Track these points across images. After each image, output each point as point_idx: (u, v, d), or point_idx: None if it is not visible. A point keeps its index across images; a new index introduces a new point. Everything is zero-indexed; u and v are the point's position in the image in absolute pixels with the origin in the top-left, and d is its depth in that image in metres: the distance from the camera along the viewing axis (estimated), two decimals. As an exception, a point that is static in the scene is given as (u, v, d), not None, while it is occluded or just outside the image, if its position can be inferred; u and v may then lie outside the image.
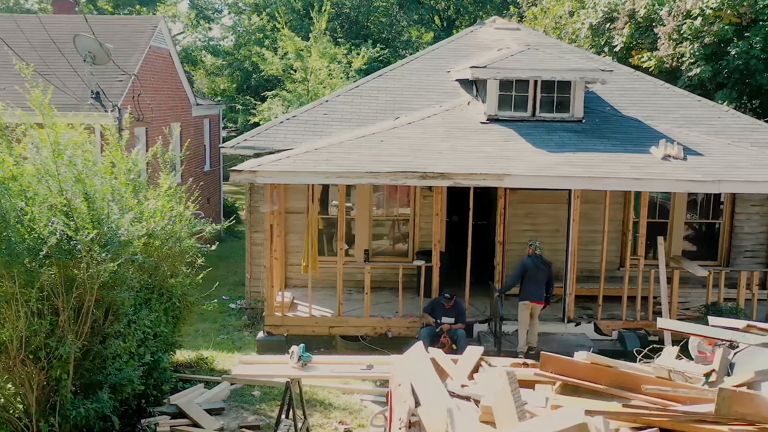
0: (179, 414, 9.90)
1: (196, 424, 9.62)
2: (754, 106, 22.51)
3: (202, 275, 12.43)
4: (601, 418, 3.96)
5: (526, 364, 5.29)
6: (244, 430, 9.63)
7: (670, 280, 13.22)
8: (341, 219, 13.03)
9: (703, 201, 15.78)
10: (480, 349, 5.66)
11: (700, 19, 21.93)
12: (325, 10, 33.01)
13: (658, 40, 23.01)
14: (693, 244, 15.94)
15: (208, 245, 12.33)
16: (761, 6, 21.43)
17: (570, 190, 12.97)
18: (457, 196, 15.00)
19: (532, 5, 31.04)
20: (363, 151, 13.16)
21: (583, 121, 14.91)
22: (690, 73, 22.32)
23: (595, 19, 25.35)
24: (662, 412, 4.36)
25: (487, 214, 15.95)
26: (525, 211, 15.30)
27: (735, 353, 5.43)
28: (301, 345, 9.19)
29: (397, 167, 12.34)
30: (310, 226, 13.56)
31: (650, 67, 23.15)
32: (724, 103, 22.12)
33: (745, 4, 21.57)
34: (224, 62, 40.37)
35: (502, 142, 13.87)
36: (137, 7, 38.46)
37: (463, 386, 4.92)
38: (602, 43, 25.72)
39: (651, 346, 9.92)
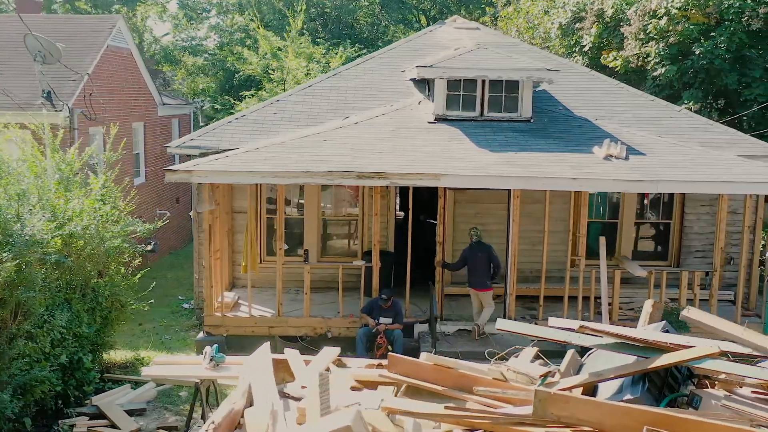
0: (99, 415, 9.85)
1: (113, 425, 9.57)
2: (719, 106, 22.46)
3: (140, 275, 12.40)
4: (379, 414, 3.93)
5: (380, 365, 5.24)
6: (161, 430, 9.58)
7: (611, 281, 13.18)
8: (280, 219, 12.99)
9: (659, 201, 15.73)
10: (336, 350, 5.61)
11: (665, 18, 21.89)
12: (300, 10, 32.98)
13: (625, 40, 22.97)
14: (646, 245, 15.90)
15: (144, 245, 12.27)
16: (726, 6, 21.38)
17: (509, 190, 12.92)
18: (415, 196, 14.99)
19: (507, 4, 30.98)
20: (304, 151, 13.11)
21: (532, 120, 14.86)
22: (655, 73, 22.28)
23: (564, 19, 25.30)
24: (483, 414, 4.31)
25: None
26: (474, 210, 15.26)
27: (588, 355, 5.38)
28: (215, 346, 9.10)
29: (333, 167, 12.29)
30: (249, 226, 13.50)
31: (617, 66, 23.11)
32: (690, 103, 22.09)
33: (710, 3, 21.53)
34: (206, 62, 40.32)
35: (446, 142, 13.83)
36: (117, 6, 38.40)
37: (303, 387, 4.88)
38: (572, 44, 25.67)
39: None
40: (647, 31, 22.19)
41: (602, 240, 13.37)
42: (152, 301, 12.57)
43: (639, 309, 13.24)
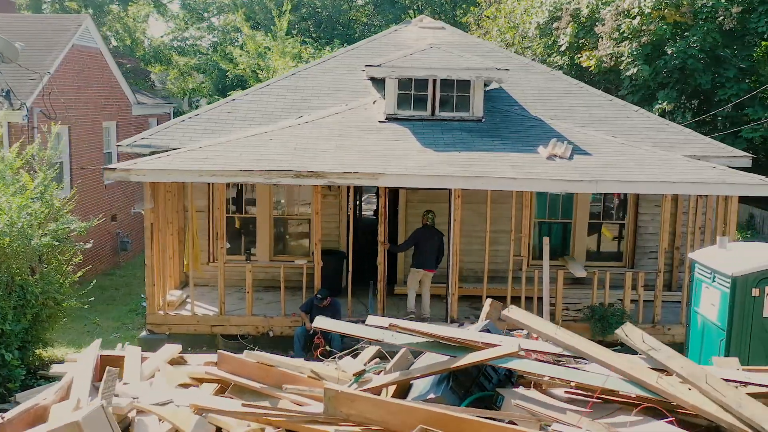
0: (21, 411, 9.88)
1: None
2: (693, 106, 22.33)
3: (80, 273, 12.47)
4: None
5: (211, 363, 5.26)
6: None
7: (555, 281, 13.12)
8: (221, 219, 13.03)
9: (623, 202, 15.63)
10: (177, 347, 5.62)
11: (638, 18, 21.79)
12: (286, 10, 33.05)
13: (600, 40, 22.88)
14: (601, 246, 15.82)
15: (82, 243, 12.33)
16: (699, 5, 21.26)
17: (450, 190, 12.89)
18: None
19: (492, 4, 30.93)
20: (247, 150, 13.13)
21: (483, 120, 14.82)
22: (628, 73, 22.20)
23: (541, 18, 25.23)
24: (279, 412, 4.31)
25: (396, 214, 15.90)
26: (426, 210, 15.18)
27: (422, 354, 5.34)
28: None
29: (271, 166, 12.31)
30: (191, 226, 13.54)
31: (590, 66, 23.03)
32: (664, 104, 22.00)
33: (684, 3, 21.41)
34: (199, 62, 40.49)
35: (392, 142, 13.81)
36: (109, 7, 38.57)
37: (125, 384, 4.90)
38: (550, 44, 25.61)
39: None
40: (621, 31, 22.11)
41: (545, 240, 13.33)
42: (92, 298, 12.60)
43: (584, 310, 13.22)
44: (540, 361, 4.46)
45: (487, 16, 30.58)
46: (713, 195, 13.07)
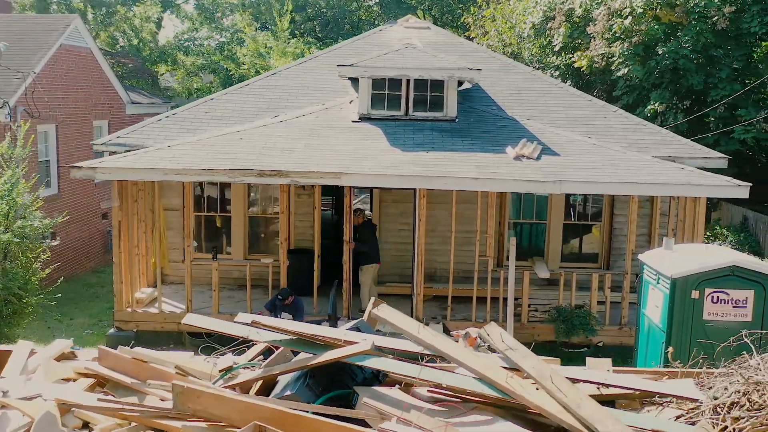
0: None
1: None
2: (685, 106, 22.08)
3: (48, 270, 12.65)
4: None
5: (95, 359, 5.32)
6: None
7: (521, 281, 13.08)
8: (188, 217, 13.15)
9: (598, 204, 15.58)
10: (68, 342, 5.67)
11: (630, 18, 21.61)
12: (287, 10, 33.19)
13: (592, 40, 22.72)
14: (579, 247, 15.74)
15: (48, 241, 12.48)
16: (692, 5, 21.03)
17: (415, 190, 12.89)
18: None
19: (492, 3, 30.82)
20: (215, 149, 13.22)
21: (456, 120, 14.80)
22: (619, 73, 22.02)
23: (536, 18, 25.11)
24: (133, 407, 4.35)
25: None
26: (399, 210, 15.26)
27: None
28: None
29: (235, 165, 12.38)
30: (159, 224, 13.65)
31: (582, 66, 22.89)
32: (656, 104, 21.80)
33: (678, 2, 21.20)
34: (206, 62, 40.81)
35: (361, 141, 13.84)
36: (118, 8, 38.99)
37: (1, 378, 4.97)
38: (545, 44, 25.48)
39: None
40: (612, 31, 21.94)
41: (512, 241, 13.25)
42: (60, 295, 12.76)
43: (543, 311, 13.19)
44: (400, 360, 4.47)
45: (485, 16, 30.49)
46: (681, 196, 12.95)
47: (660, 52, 21.04)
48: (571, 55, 23.17)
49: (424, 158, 13.00)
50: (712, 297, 8.43)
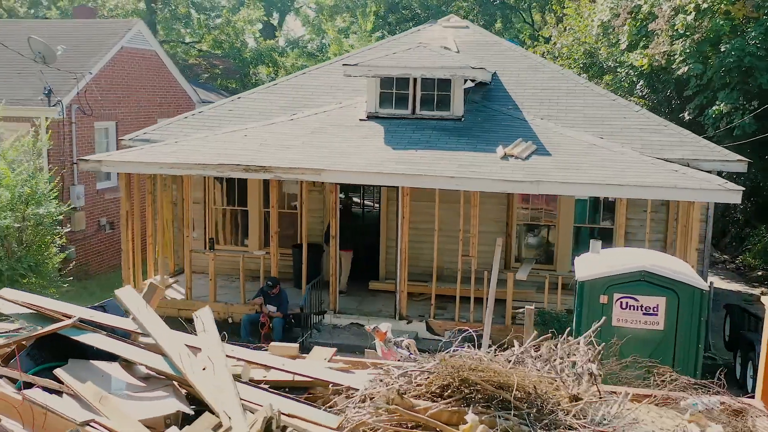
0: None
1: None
2: (753, 107, 20.63)
3: (64, 255, 13.74)
4: None
5: None
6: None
7: (505, 283, 12.88)
8: (186, 208, 13.85)
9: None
10: None
11: (693, 14, 20.52)
12: (370, 11, 33.79)
13: (656, 37, 21.73)
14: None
15: (60, 228, 13.54)
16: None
17: (398, 188, 12.99)
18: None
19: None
20: (216, 146, 13.87)
21: (462, 119, 14.73)
22: (679, 72, 20.94)
23: (605, 16, 24.26)
24: None
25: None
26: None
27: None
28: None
29: (224, 160, 12.95)
30: (161, 215, 14.45)
31: (642, 65, 21.93)
32: (721, 105, 20.57)
33: (746, -4, 19.95)
34: (306, 62, 42.34)
35: (360, 139, 14.07)
36: (223, 12, 41.13)
37: None
38: (613, 43, 24.57)
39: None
40: (675, 28, 20.90)
41: (498, 241, 13.04)
42: (71, 278, 13.79)
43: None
44: (114, 337, 4.76)
45: (566, 14, 29.69)
46: (665, 200, 12.35)
47: (723, 50, 19.83)
48: (637, 54, 22.20)
49: (411, 156, 13.07)
50: (621, 303, 8.06)
